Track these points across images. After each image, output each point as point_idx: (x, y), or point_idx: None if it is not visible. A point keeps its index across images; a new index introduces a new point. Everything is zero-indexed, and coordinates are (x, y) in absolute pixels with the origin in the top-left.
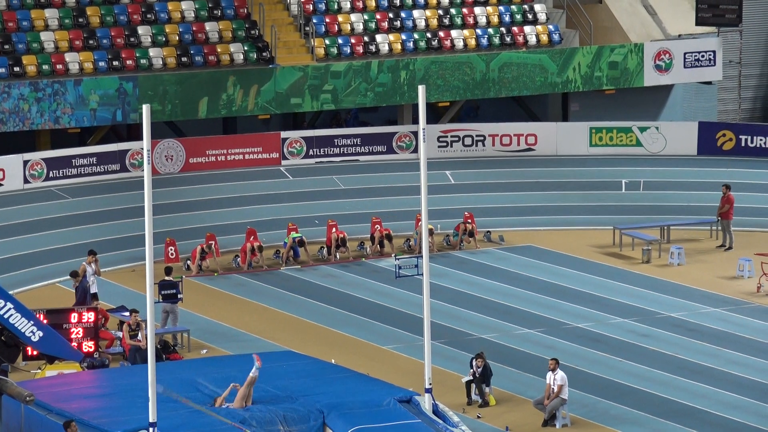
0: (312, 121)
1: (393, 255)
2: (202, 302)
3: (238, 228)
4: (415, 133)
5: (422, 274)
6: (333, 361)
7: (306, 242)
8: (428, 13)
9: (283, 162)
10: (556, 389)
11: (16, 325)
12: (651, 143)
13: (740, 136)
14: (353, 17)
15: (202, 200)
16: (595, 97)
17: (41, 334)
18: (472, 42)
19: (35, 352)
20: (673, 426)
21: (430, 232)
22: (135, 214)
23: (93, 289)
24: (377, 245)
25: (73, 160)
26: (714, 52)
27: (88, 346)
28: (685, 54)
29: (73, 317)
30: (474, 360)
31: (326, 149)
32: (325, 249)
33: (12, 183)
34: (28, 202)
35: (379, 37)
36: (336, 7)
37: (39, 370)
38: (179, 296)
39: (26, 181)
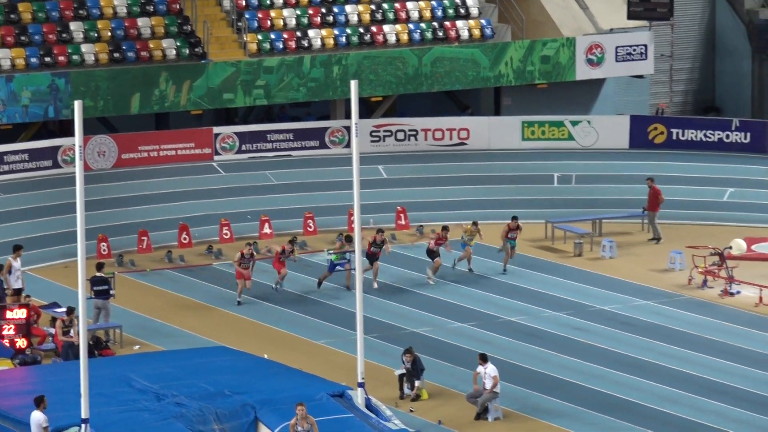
0: (244, 116)
1: (325, 250)
2: (134, 298)
3: (170, 224)
4: (348, 128)
5: (354, 269)
6: (266, 356)
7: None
8: (361, 8)
9: (216, 157)
10: (488, 383)
11: None
12: (583, 137)
13: (671, 130)
14: (286, 12)
15: (134, 196)
16: (528, 91)
17: None
18: (405, 37)
19: None
20: (607, 419)
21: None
22: (67, 211)
23: (18, 284)
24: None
25: (5, 157)
26: (645, 45)
27: (20, 342)
28: (616, 48)
29: (7, 314)
30: (403, 355)
31: (259, 144)
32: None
33: None
34: None
35: (311, 32)
36: (268, 2)
37: None
38: (111, 292)
39: None
